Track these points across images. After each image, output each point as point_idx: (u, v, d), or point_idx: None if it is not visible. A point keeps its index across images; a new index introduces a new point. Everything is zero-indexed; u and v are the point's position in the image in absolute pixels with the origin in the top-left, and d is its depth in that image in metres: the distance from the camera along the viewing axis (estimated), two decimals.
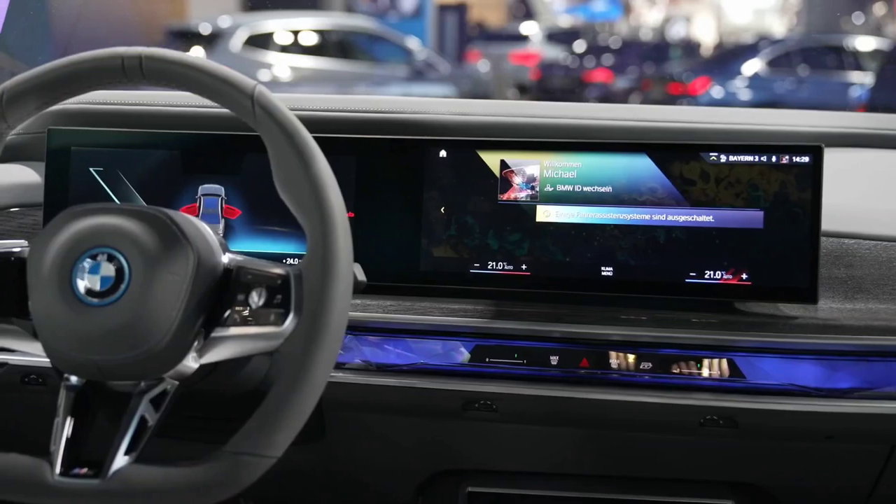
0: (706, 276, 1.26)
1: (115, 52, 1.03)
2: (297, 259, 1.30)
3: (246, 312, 0.97)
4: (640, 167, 1.27)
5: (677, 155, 1.27)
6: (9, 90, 1.04)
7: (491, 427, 1.32)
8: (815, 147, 1.23)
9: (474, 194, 1.30)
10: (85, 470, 0.96)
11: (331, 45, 10.70)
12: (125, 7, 12.37)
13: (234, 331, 0.98)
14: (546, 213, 1.29)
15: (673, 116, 1.41)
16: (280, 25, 10.15)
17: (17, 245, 1.07)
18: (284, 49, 10.00)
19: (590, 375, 1.26)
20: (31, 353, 1.06)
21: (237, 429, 0.95)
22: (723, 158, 1.26)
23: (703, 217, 1.26)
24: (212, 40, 9.38)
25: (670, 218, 1.27)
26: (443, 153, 1.31)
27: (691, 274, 1.26)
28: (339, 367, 1.27)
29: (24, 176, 1.55)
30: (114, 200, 1.35)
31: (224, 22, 10.11)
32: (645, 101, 11.31)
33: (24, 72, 1.06)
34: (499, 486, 1.45)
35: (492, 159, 1.30)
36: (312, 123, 1.03)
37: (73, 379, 1.01)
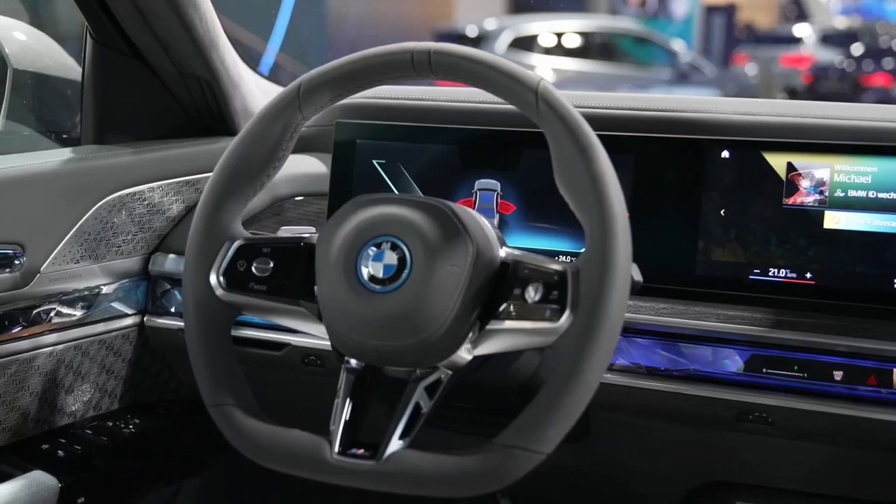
0: None
1: (405, 47, 1.05)
2: (570, 257, 1.29)
3: (521, 307, 0.97)
4: None
5: None
6: (306, 83, 1.09)
7: (765, 441, 1.26)
8: None
9: (757, 197, 1.24)
10: (361, 451, 0.99)
11: (594, 47, 10.66)
12: (398, 12, 12.90)
13: (508, 324, 0.98)
14: (835, 220, 1.21)
15: None
16: (545, 28, 10.22)
17: (306, 231, 1.12)
18: (548, 51, 10.06)
19: (876, 394, 1.17)
20: (313, 335, 1.11)
21: (504, 423, 0.95)
22: None
23: None
24: (478, 42, 9.57)
25: None
26: (725, 154, 1.26)
27: None
28: (608, 367, 1.25)
29: (310, 166, 1.63)
30: (394, 192, 1.39)
31: (490, 24, 10.30)
32: None
33: (303, 73, 1.11)
34: (770, 503, 1.38)
35: (778, 161, 1.24)
36: (592, 120, 1.01)
37: (353, 362, 1.05)
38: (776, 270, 1.23)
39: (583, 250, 0.95)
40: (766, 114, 1.35)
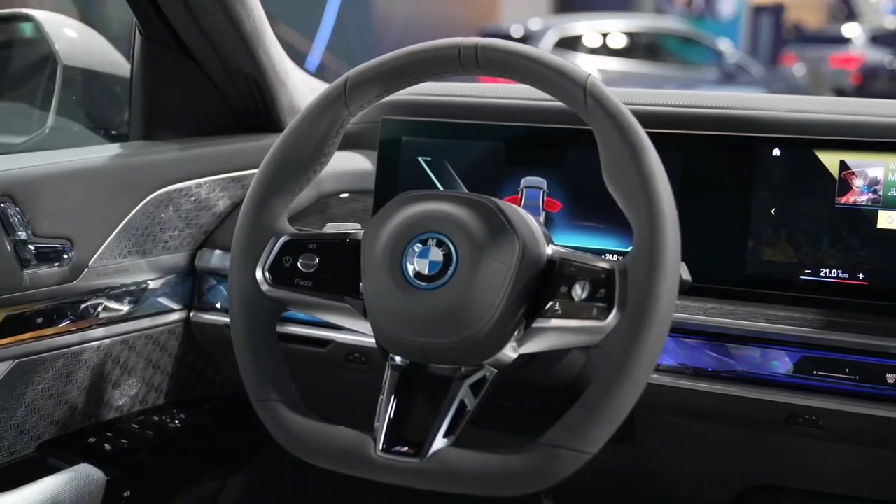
0: None
1: (452, 42, 1.05)
2: (617, 255, 1.28)
3: (567, 305, 0.96)
4: None
5: None
6: (352, 78, 1.09)
7: (814, 444, 1.24)
8: None
9: (809, 196, 1.22)
10: (406, 448, 0.98)
11: (640, 47, 10.60)
12: (443, 13, 12.93)
13: (554, 323, 0.97)
14: (889, 220, 1.19)
15: None
16: (590, 27, 10.17)
17: (352, 228, 1.12)
18: (593, 51, 10.01)
19: None
20: (357, 332, 1.11)
21: (549, 422, 0.94)
22: None
23: None
24: (523, 42, 9.54)
25: None
26: (776, 152, 1.23)
27: None
28: (655, 367, 1.23)
29: (356, 163, 1.63)
30: (440, 189, 1.38)
31: (535, 24, 10.27)
32: None
33: (347, 71, 1.11)
34: None
35: (830, 160, 1.21)
36: (641, 117, 1.00)
37: (398, 359, 1.05)
38: (828, 271, 1.21)
39: (630, 249, 0.94)
40: (818, 111, 1.33)
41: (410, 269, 0.99)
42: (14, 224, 1.28)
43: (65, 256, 1.34)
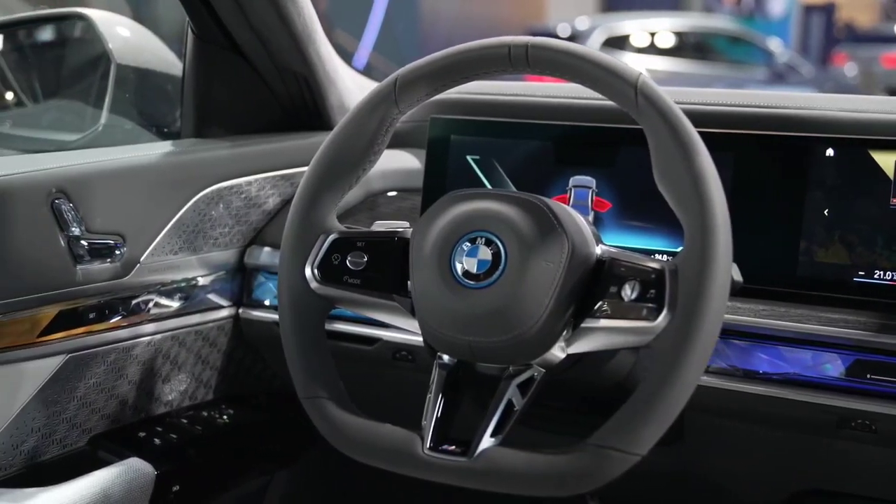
0: None
1: (502, 41, 1.05)
2: (666, 256, 1.27)
3: (617, 305, 0.96)
4: None
5: None
6: (402, 76, 1.09)
7: (867, 449, 1.22)
8: None
9: (863, 197, 1.20)
10: (453, 447, 0.98)
11: (688, 46, 10.51)
12: (490, 12, 12.93)
13: (603, 323, 0.96)
14: None
15: None
16: (637, 27, 10.11)
17: (401, 226, 1.12)
18: (641, 50, 9.95)
19: None
20: (405, 330, 1.11)
21: (597, 423, 0.94)
22: None
23: None
24: (570, 41, 9.49)
25: None
26: (830, 152, 1.22)
27: None
28: (705, 369, 1.22)
29: (404, 162, 1.63)
30: (488, 188, 1.38)
31: (582, 24, 10.22)
32: None
33: (394, 70, 1.11)
34: None
35: (885, 160, 1.19)
36: (691, 116, 0.99)
37: (446, 358, 1.05)
38: (882, 273, 1.19)
39: (680, 249, 0.93)
40: (872, 111, 1.30)
41: (459, 267, 0.99)
42: (68, 220, 1.30)
43: (117, 252, 1.35)
